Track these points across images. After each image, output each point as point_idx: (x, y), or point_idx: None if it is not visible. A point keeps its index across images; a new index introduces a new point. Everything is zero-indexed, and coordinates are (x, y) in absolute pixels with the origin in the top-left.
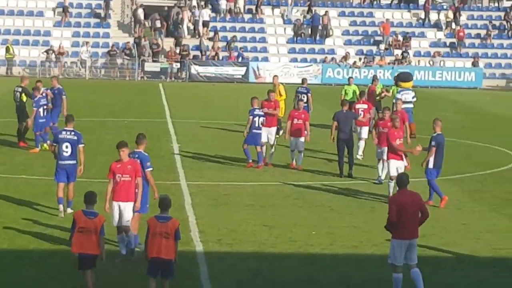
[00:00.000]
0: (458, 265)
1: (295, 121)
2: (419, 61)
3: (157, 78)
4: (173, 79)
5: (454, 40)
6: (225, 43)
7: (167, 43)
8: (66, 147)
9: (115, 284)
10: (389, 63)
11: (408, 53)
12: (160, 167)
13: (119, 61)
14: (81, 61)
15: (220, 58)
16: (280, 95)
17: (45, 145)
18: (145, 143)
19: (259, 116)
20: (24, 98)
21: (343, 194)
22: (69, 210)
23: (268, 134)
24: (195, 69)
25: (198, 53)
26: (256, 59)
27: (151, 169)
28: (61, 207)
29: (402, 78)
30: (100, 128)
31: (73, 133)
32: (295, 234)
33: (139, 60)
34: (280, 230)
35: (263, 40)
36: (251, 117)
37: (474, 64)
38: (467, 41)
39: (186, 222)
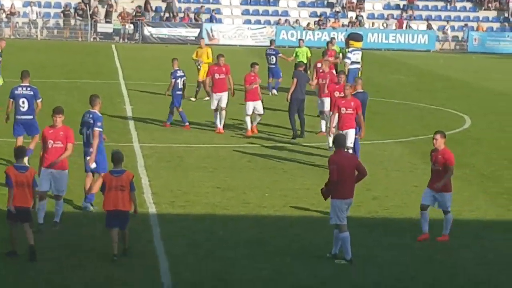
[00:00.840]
0: (409, 227)
1: (254, 85)
2: (373, 23)
3: (110, 39)
4: (126, 40)
5: (405, 2)
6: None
7: (122, 4)
8: (23, 102)
9: (75, 246)
10: (342, 26)
11: (362, 16)
12: (113, 129)
13: (72, 21)
14: (32, 22)
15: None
16: (208, 58)
17: None
18: (99, 104)
19: (181, 77)
20: None
21: (296, 156)
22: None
23: (220, 99)
24: (148, 30)
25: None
26: (209, 20)
27: (100, 129)
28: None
29: (353, 37)
30: (53, 89)
31: (29, 88)
32: (248, 196)
33: (91, 21)
34: (233, 192)
35: (216, 1)
36: (173, 79)
37: (428, 27)
38: (420, 4)
39: (139, 184)
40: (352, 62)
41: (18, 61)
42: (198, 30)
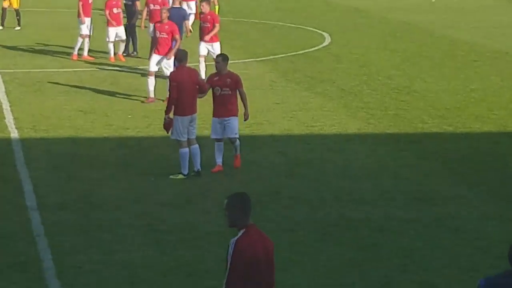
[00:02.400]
0: (272, 143)
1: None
2: None
3: None
4: None
5: None
6: None
7: None
8: None
9: None
10: None
11: None
12: None
13: None
14: None
15: None
16: None
17: None
18: None
19: None
20: None
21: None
22: None
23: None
24: None
25: None
26: None
27: None
28: None
29: None
30: None
31: None
32: (110, 119)
33: None
34: (96, 115)
35: None
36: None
37: None
38: None
39: (0, 109)
40: None
41: None
42: None
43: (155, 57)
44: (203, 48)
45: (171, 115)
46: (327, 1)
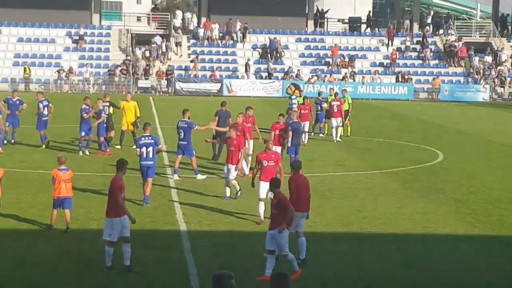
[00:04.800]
0: (394, 240)
1: (276, 132)
2: (362, 77)
3: (148, 92)
4: (161, 93)
5: (389, 61)
6: (204, 64)
7: (157, 64)
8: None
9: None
10: (336, 80)
11: (354, 72)
12: None
13: (116, 79)
14: (86, 79)
15: (199, 76)
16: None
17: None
18: (150, 129)
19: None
20: (112, 110)
21: None
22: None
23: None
24: (179, 85)
25: (182, 71)
26: (228, 77)
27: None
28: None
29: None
30: None
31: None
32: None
33: (133, 78)
34: (246, 214)
35: (234, 61)
36: (103, 114)
37: (407, 80)
38: (401, 62)
39: (172, 206)
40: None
41: (75, 110)
42: (219, 84)
43: (264, 185)
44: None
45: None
46: (441, 125)
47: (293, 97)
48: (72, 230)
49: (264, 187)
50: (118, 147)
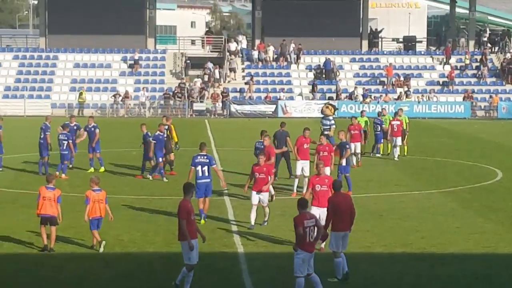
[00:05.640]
0: (453, 260)
1: (321, 153)
2: (418, 96)
3: (203, 115)
4: (216, 116)
5: (446, 79)
6: (258, 86)
7: (212, 87)
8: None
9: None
10: (392, 99)
11: (409, 91)
12: None
13: (172, 102)
14: (141, 103)
15: (254, 98)
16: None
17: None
18: (206, 149)
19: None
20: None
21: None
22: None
23: (303, 166)
24: (234, 107)
25: (236, 94)
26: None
27: (215, 165)
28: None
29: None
30: None
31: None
32: None
33: (188, 101)
34: None
35: (289, 82)
36: (149, 139)
37: (464, 99)
38: (457, 80)
39: (230, 228)
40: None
41: (132, 135)
42: (274, 106)
43: (315, 210)
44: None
45: None
46: (498, 143)
47: (330, 117)
48: (129, 253)
49: (316, 212)
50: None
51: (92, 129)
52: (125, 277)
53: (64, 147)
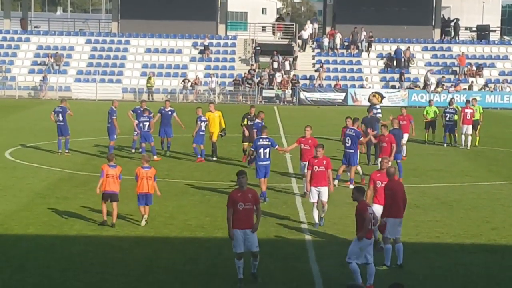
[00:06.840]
0: None
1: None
2: (491, 86)
3: (272, 102)
4: (285, 103)
5: None
6: (328, 73)
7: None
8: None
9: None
10: (464, 89)
11: (483, 81)
12: (275, 173)
13: (241, 88)
14: (211, 89)
15: (324, 85)
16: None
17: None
18: (267, 132)
19: (204, 121)
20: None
21: (426, 194)
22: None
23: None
24: (303, 94)
25: (306, 81)
26: (353, 86)
27: (278, 146)
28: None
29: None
30: (232, 141)
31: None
32: None
33: (258, 87)
34: None
35: (359, 70)
36: (199, 122)
37: None
38: None
39: (297, 216)
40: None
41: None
42: (344, 94)
43: (377, 207)
44: None
45: None
46: None
47: (377, 106)
48: (197, 238)
49: (378, 210)
50: (214, 158)
51: (170, 112)
52: (192, 261)
53: (146, 128)
